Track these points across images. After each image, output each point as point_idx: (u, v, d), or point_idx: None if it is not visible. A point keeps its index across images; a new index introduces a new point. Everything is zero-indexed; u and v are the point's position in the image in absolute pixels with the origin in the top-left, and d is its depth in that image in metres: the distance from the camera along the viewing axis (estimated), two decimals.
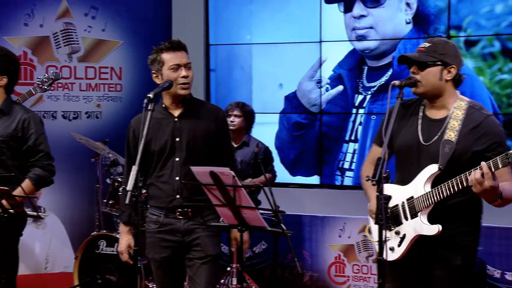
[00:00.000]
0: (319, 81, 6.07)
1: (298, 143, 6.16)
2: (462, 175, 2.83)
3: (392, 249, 3.02)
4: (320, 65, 6.05)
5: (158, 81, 3.43)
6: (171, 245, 3.44)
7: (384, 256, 3.00)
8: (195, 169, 3.10)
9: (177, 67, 3.38)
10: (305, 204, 5.99)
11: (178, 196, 3.41)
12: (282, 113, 6.20)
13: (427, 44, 3.00)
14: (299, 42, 6.08)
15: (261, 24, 6.25)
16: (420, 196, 2.95)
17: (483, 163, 2.74)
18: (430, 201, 2.92)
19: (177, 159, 3.42)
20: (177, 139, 3.43)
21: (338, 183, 6.05)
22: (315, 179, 6.12)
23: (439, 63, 2.97)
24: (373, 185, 2.70)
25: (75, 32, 6.13)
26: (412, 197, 2.97)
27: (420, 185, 2.96)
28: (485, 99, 5.42)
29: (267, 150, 5.40)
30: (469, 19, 5.52)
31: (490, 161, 2.75)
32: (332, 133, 6.06)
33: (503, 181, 2.87)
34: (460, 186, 2.84)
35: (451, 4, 5.56)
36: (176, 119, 3.45)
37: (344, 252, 5.50)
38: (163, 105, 3.48)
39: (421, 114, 3.07)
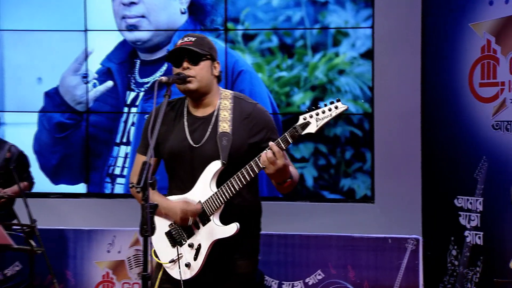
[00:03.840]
0: (85, 76, 5.95)
1: (61, 146, 6.00)
2: (251, 161, 2.91)
3: (188, 265, 3.03)
4: (86, 57, 5.95)
5: None
6: None
7: (179, 275, 3.01)
8: None
9: None
10: (69, 216, 5.84)
11: None
12: (42, 112, 6.00)
13: (191, 38, 3.06)
14: (61, 30, 5.94)
15: (14, 8, 5.98)
16: (209, 199, 2.99)
17: (271, 143, 2.84)
18: (220, 200, 2.97)
19: None
20: None
21: (107, 191, 5.99)
22: (81, 188, 6.01)
23: (209, 57, 3.06)
24: (138, 192, 2.67)
25: None
26: (199, 202, 3.01)
27: (205, 187, 3.00)
28: (264, 98, 5.67)
29: (21, 155, 5.22)
30: (246, 11, 5.75)
31: (279, 139, 2.85)
32: (100, 134, 5.98)
33: None
34: (252, 174, 2.91)
35: None
36: None
37: (113, 269, 5.47)
38: None
39: (186, 114, 3.12)
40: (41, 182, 5.78)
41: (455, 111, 5.05)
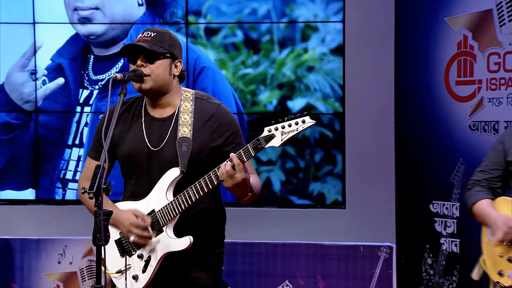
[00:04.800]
0: (33, 72, 5.90)
1: (7, 148, 5.94)
2: (211, 172, 2.94)
3: (135, 277, 3.05)
4: (35, 52, 5.88)
5: None
6: None
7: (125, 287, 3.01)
8: None
9: None
10: (16, 224, 5.78)
11: None
12: None
13: (151, 33, 3.09)
14: (7, 23, 5.86)
15: None
16: (163, 208, 3.01)
17: (232, 154, 2.87)
18: (175, 211, 2.99)
19: None
20: None
21: (58, 197, 5.93)
22: (29, 193, 5.95)
23: (168, 55, 3.07)
24: (90, 198, 2.67)
25: None
26: (153, 211, 3.03)
27: (161, 195, 3.02)
28: (228, 97, 5.65)
29: None
30: (209, 4, 5.71)
31: (241, 150, 2.89)
32: (51, 136, 5.94)
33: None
34: (210, 185, 2.95)
35: None
36: None
37: (64, 281, 5.46)
38: None
39: (143, 115, 3.12)
40: None
41: (431, 111, 5.11)
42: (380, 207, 5.47)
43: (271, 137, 2.85)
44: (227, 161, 2.87)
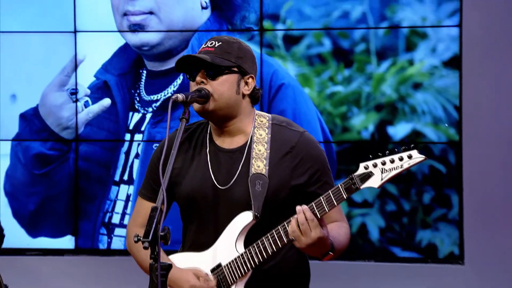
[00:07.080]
0: (74, 92, 5.98)
1: (42, 186, 6.02)
2: (279, 227, 2.91)
3: None
4: (76, 66, 5.99)
5: None
6: None
7: None
8: None
9: None
10: (52, 279, 5.87)
11: None
12: (16, 140, 6.03)
13: (215, 43, 3.07)
14: (42, 32, 5.99)
15: None
16: (232, 262, 3.00)
17: (304, 208, 2.83)
18: (247, 266, 2.98)
19: None
20: None
21: (103, 246, 5.99)
22: (67, 242, 6.01)
23: (235, 69, 3.04)
24: (145, 248, 2.66)
25: None
26: (220, 265, 3.02)
27: (229, 246, 3.01)
28: (312, 121, 5.65)
29: None
30: (288, 6, 5.77)
31: (313, 203, 2.85)
32: (94, 170, 6.00)
33: (330, 222, 3.00)
34: (280, 244, 2.92)
35: None
36: None
37: None
38: None
39: (208, 144, 3.10)
40: (14, 234, 5.82)
41: None
42: (509, 262, 5.35)
43: (368, 175, 2.82)
44: (302, 211, 2.83)
